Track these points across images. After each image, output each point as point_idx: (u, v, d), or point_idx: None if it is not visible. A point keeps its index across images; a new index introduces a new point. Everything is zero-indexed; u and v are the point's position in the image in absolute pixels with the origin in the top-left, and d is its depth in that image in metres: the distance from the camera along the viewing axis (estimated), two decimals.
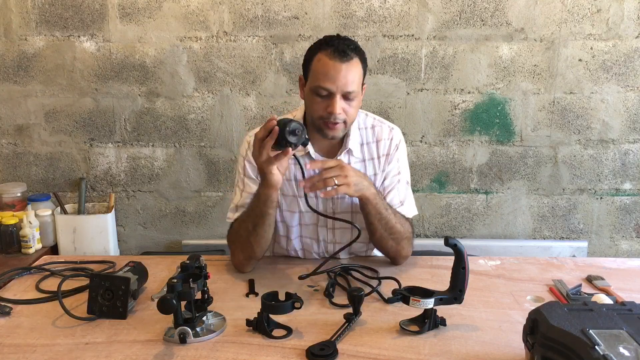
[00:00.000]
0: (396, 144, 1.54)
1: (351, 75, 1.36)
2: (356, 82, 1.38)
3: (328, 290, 1.32)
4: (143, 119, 2.58)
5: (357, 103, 1.42)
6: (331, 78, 1.35)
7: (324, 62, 1.36)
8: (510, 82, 2.52)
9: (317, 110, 1.40)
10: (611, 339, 0.85)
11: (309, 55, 1.43)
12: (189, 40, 2.50)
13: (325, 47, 1.38)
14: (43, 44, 2.51)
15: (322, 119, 1.40)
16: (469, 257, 1.18)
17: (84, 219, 2.51)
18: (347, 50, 1.36)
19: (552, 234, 2.69)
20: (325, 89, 1.36)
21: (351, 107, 1.40)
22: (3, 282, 1.40)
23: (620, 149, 2.58)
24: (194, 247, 2.61)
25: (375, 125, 1.55)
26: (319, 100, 1.39)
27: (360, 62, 1.40)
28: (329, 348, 1.06)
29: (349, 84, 1.36)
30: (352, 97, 1.38)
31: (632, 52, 2.47)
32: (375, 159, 1.53)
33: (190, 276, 1.15)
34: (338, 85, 1.35)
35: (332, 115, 1.37)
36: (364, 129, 1.54)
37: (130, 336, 1.14)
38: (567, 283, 1.37)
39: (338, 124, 1.40)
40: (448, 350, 1.08)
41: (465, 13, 2.45)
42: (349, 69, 1.36)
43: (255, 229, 1.40)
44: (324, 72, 1.36)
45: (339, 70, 1.35)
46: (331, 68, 1.35)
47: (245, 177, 1.53)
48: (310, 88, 1.40)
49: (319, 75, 1.37)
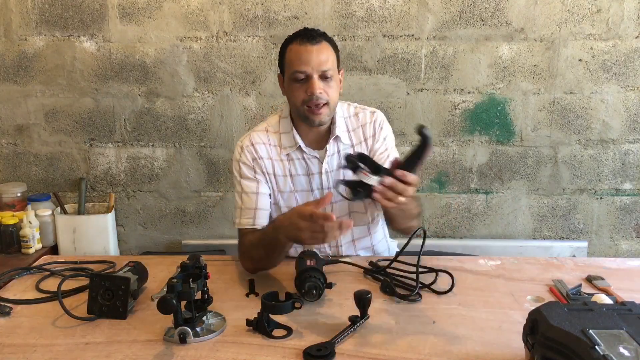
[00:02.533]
0: (379, 124, 1.59)
1: (324, 55, 1.43)
2: (330, 62, 1.44)
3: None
4: (143, 119, 2.58)
5: (336, 84, 1.47)
6: (305, 60, 1.42)
7: (296, 49, 1.44)
8: (510, 82, 2.52)
9: (299, 97, 1.45)
10: (611, 339, 0.85)
11: (281, 52, 1.51)
12: (189, 40, 2.50)
13: (294, 37, 1.47)
14: (43, 44, 2.51)
15: (304, 103, 1.44)
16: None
17: (84, 219, 2.51)
18: (314, 35, 1.44)
19: (552, 234, 2.69)
20: (301, 71, 1.42)
21: (330, 88, 1.45)
22: (3, 282, 1.40)
23: (620, 149, 2.58)
24: (194, 247, 2.61)
25: (359, 112, 1.61)
26: (298, 86, 1.44)
27: (330, 47, 1.47)
28: (326, 349, 1.05)
29: (323, 63, 1.42)
30: (329, 75, 1.44)
31: (632, 52, 2.47)
32: (363, 142, 1.58)
33: (190, 276, 1.15)
34: (313, 66, 1.42)
35: (313, 96, 1.42)
36: (348, 117, 1.59)
37: (130, 336, 1.14)
38: (567, 283, 1.37)
39: (322, 108, 1.44)
40: (448, 350, 1.08)
41: (465, 13, 2.45)
42: (320, 49, 1.43)
43: (268, 256, 1.42)
44: (297, 57, 1.43)
45: (311, 52, 1.42)
46: (303, 52, 1.42)
47: (242, 179, 1.55)
48: (288, 77, 1.47)
49: (293, 62, 1.44)
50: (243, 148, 1.55)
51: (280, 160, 1.55)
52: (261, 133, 1.57)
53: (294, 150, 1.54)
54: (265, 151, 1.55)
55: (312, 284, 1.25)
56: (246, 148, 1.55)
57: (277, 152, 1.55)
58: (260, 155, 1.54)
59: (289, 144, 1.54)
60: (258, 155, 1.54)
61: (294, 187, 1.55)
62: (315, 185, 1.56)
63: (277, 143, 1.56)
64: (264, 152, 1.55)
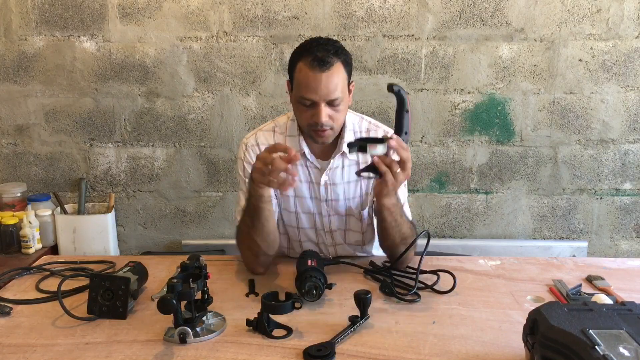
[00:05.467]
0: None
1: (333, 84, 1.36)
2: (339, 88, 1.37)
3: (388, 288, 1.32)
4: (143, 119, 2.58)
5: (344, 107, 1.43)
6: (313, 89, 1.36)
7: (305, 73, 1.37)
8: (510, 82, 2.52)
9: (304, 119, 1.42)
10: (611, 339, 0.85)
11: (291, 62, 1.43)
12: (189, 40, 2.50)
13: (305, 55, 1.38)
14: (43, 44, 2.51)
15: (310, 126, 1.42)
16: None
17: (84, 219, 2.51)
18: (326, 57, 1.35)
19: (552, 234, 2.69)
20: (308, 99, 1.37)
21: (337, 112, 1.41)
22: (3, 282, 1.40)
23: (620, 149, 2.58)
24: (194, 247, 2.61)
25: (371, 130, 1.55)
26: (304, 109, 1.40)
27: (342, 66, 1.39)
28: (326, 349, 1.05)
29: (331, 93, 1.36)
30: (337, 103, 1.39)
31: (632, 52, 2.47)
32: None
33: (190, 276, 1.15)
34: (320, 95, 1.36)
35: (318, 124, 1.39)
36: (359, 132, 1.54)
37: (130, 336, 1.14)
38: (567, 283, 1.37)
39: (326, 131, 1.41)
40: (448, 350, 1.08)
41: (465, 13, 2.45)
42: (329, 77, 1.35)
43: (253, 223, 1.39)
44: (305, 83, 1.37)
45: (320, 81, 1.35)
46: (312, 80, 1.35)
47: (247, 179, 1.53)
48: (295, 98, 1.42)
49: (301, 86, 1.38)
50: (248, 147, 1.54)
51: None
52: (267, 133, 1.56)
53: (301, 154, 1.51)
54: None
55: (312, 284, 1.25)
56: (250, 148, 1.54)
57: None
58: None
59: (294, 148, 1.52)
60: None
61: (294, 192, 1.54)
62: (313, 194, 1.53)
63: None
64: None
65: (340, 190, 1.53)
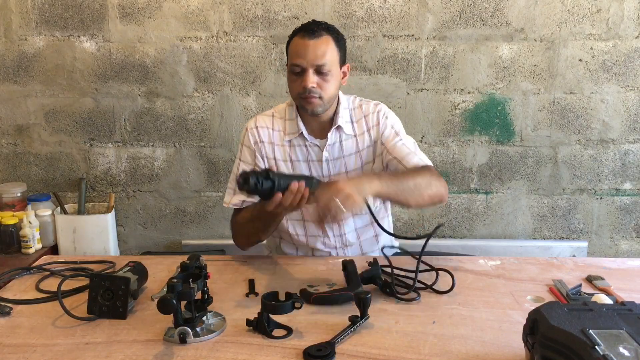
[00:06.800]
0: (384, 113, 1.61)
1: (320, 50, 1.45)
2: (327, 57, 1.45)
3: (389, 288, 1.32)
4: (143, 119, 2.58)
5: (333, 79, 1.49)
6: (301, 54, 1.45)
7: (296, 42, 1.48)
8: (510, 82, 2.52)
9: (295, 88, 1.50)
10: (611, 339, 0.85)
11: (287, 45, 1.54)
12: (189, 40, 2.50)
13: (298, 30, 1.50)
14: (43, 44, 2.51)
15: (299, 95, 1.48)
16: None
17: (84, 219, 2.51)
18: (315, 29, 1.47)
19: (552, 234, 2.69)
20: (297, 64, 1.46)
21: (326, 82, 1.47)
22: (3, 282, 1.40)
23: (620, 149, 2.58)
24: (194, 247, 2.61)
25: (362, 104, 1.63)
26: (295, 78, 1.49)
27: (332, 40, 1.48)
28: (326, 349, 1.05)
29: (319, 58, 1.44)
30: (325, 70, 1.46)
31: (632, 52, 2.47)
32: (366, 132, 1.60)
33: (190, 276, 1.15)
34: (308, 60, 1.44)
35: (306, 90, 1.45)
36: (352, 109, 1.62)
37: (130, 336, 1.14)
38: (567, 283, 1.37)
39: (314, 98, 1.47)
40: (448, 350, 1.08)
41: (465, 13, 2.45)
42: (317, 44, 1.45)
43: (266, 228, 1.51)
44: (295, 50, 1.47)
45: (308, 46, 1.45)
46: (301, 46, 1.46)
47: (241, 161, 1.62)
48: (288, 69, 1.51)
49: (292, 55, 1.48)
50: (248, 130, 1.61)
51: (281, 146, 1.59)
52: (267, 117, 1.63)
53: (296, 137, 1.58)
54: (267, 135, 1.59)
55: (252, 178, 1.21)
56: (250, 131, 1.61)
57: (280, 137, 1.59)
58: (262, 140, 1.59)
59: (292, 130, 1.58)
60: (260, 139, 1.59)
61: (294, 172, 1.58)
62: (314, 173, 1.59)
63: (282, 128, 1.60)
64: (265, 137, 1.59)
65: (342, 164, 1.58)
